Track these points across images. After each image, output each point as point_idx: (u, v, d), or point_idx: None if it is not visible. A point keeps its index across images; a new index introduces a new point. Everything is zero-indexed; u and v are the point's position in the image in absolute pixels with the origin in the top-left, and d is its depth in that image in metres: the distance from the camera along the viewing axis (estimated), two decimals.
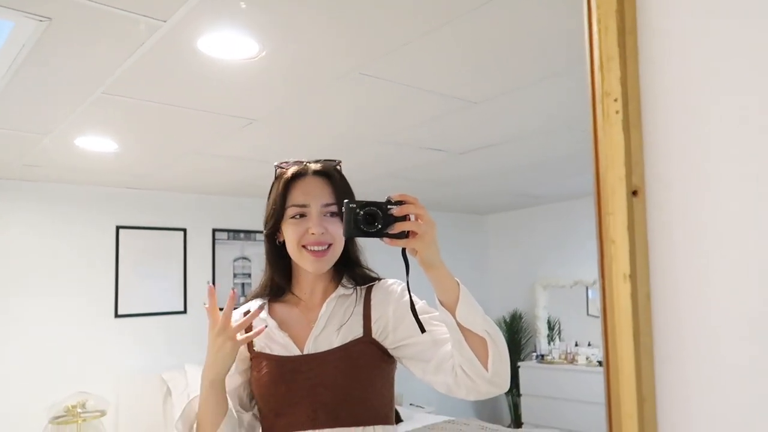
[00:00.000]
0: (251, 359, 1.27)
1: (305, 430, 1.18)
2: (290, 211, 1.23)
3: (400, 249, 1.03)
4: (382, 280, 1.31)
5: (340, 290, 1.28)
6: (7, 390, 3.43)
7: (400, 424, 4.40)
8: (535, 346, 5.48)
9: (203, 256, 4.24)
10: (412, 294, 1.17)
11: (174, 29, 1.68)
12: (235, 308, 1.23)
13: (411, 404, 4.97)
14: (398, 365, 1.29)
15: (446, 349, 1.12)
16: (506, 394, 5.54)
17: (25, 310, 3.56)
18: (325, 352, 1.21)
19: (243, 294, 4.16)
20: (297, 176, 1.25)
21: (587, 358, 5.00)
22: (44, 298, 3.62)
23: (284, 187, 1.24)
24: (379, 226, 0.99)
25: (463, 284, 1.05)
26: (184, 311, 4.10)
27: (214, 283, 4.21)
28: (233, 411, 1.24)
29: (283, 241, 1.26)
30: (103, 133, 2.71)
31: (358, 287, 1.29)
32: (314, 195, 1.23)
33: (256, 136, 2.84)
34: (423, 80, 2.21)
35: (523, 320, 5.60)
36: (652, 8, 0.53)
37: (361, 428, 1.19)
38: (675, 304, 0.53)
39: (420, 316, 1.13)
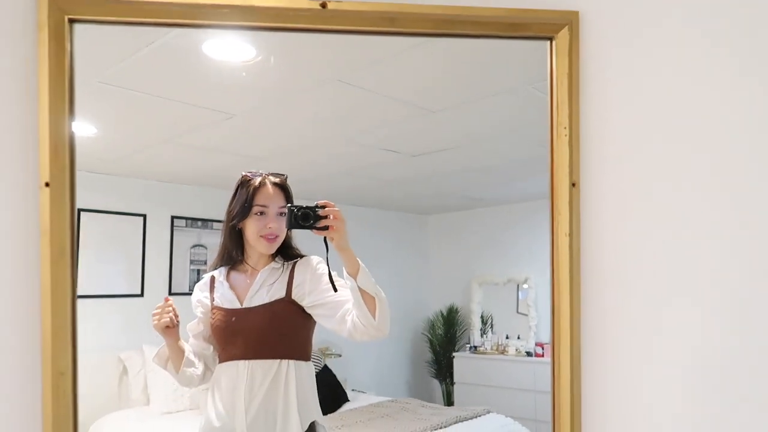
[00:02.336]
0: (211, 309, 1.80)
1: (239, 359, 1.72)
2: (255, 210, 1.76)
3: (323, 237, 1.56)
4: (305, 257, 1.82)
5: (272, 264, 1.82)
6: None
7: (347, 404, 4.70)
8: (469, 338, 5.90)
9: (162, 241, 4.37)
10: (329, 266, 1.68)
11: (183, 33, 1.91)
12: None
13: (353, 390, 5.26)
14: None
15: (347, 307, 1.64)
16: (441, 382, 5.93)
17: None
18: (256, 306, 1.76)
19: (197, 280, 4.29)
20: (261, 185, 1.78)
21: (516, 350, 5.46)
22: None
23: (252, 192, 1.76)
24: (311, 222, 1.52)
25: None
26: (141, 295, 4.23)
27: (171, 274, 4.36)
28: (191, 353, 1.80)
29: (241, 229, 1.75)
30: (85, 118, 2.86)
31: (286, 262, 1.82)
32: (272, 200, 1.77)
33: (230, 130, 3.05)
34: (392, 90, 2.52)
35: (459, 314, 6.01)
36: (590, 68, 0.87)
37: (278, 360, 1.70)
38: (600, 290, 0.86)
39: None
